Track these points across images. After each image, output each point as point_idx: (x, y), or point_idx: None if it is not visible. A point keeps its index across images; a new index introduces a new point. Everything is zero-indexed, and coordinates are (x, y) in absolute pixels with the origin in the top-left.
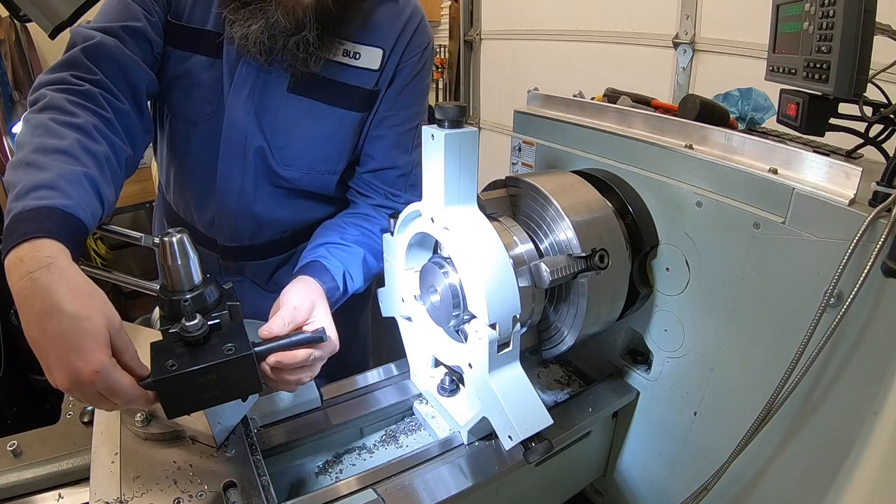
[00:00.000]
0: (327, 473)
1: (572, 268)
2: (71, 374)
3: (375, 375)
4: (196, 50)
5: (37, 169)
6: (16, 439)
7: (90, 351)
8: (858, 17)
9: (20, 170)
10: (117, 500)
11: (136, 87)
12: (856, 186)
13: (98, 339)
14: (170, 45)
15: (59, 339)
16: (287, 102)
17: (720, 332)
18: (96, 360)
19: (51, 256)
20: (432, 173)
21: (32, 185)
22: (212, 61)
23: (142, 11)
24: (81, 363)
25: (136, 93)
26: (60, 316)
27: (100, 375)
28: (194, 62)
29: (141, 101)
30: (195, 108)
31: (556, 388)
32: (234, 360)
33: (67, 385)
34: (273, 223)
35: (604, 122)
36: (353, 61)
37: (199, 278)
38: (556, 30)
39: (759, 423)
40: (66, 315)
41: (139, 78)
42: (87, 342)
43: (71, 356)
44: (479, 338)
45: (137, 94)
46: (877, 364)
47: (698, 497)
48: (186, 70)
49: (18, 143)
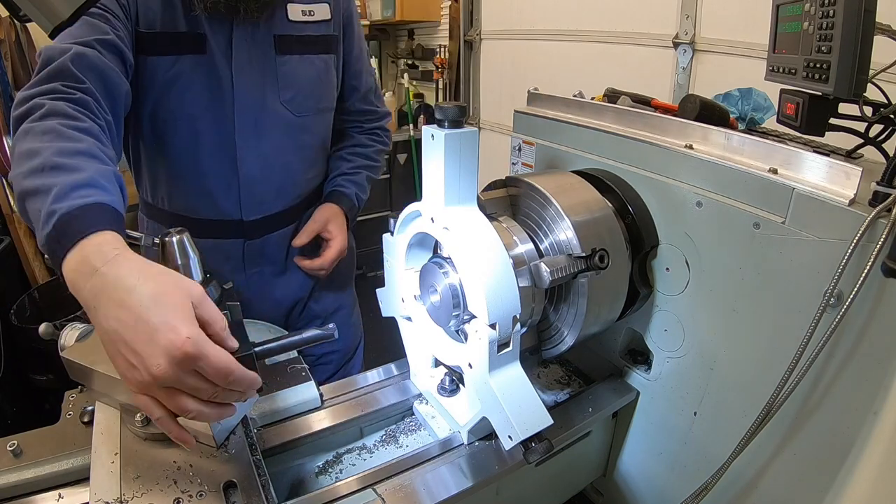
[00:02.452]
0: (327, 473)
1: (572, 268)
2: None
3: (375, 375)
4: (180, 52)
5: (69, 170)
6: (16, 439)
7: (177, 322)
8: (858, 17)
9: (47, 173)
10: (117, 500)
11: (115, 98)
12: (856, 186)
13: (181, 312)
14: (153, 54)
15: (143, 322)
16: (281, 62)
17: (720, 332)
18: (185, 329)
19: (116, 248)
20: (432, 173)
21: (72, 185)
22: (196, 58)
23: (109, 27)
24: (172, 335)
25: (116, 103)
26: (139, 299)
27: (192, 342)
28: (182, 63)
29: (119, 111)
30: (195, 101)
31: (556, 388)
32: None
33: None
34: (290, 180)
35: (604, 122)
36: (311, 17)
37: (199, 278)
38: (556, 30)
39: (759, 423)
40: (144, 297)
41: (119, 89)
42: (171, 315)
43: (158, 335)
44: (479, 338)
45: (117, 104)
46: (877, 364)
47: (698, 497)
48: (177, 72)
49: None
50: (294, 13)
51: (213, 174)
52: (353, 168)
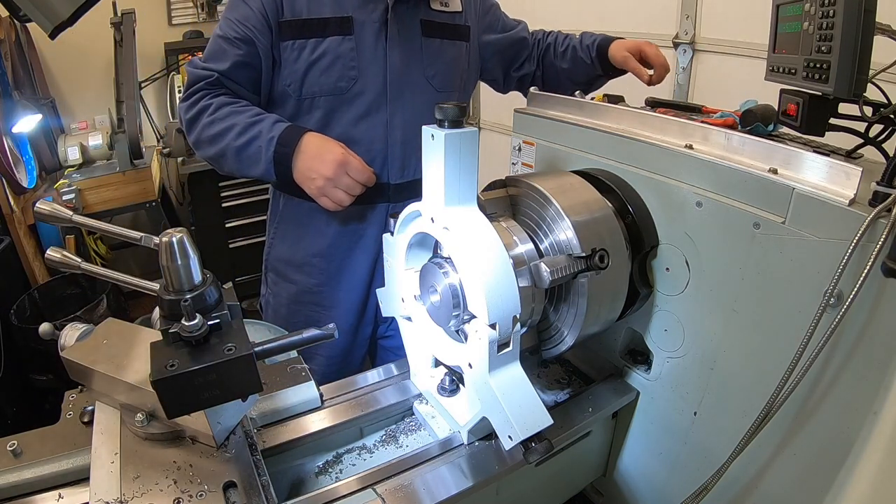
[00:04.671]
0: (327, 473)
1: (572, 268)
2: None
3: (375, 375)
4: (325, 34)
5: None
6: (16, 439)
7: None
8: (858, 17)
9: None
10: (117, 500)
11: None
12: (856, 186)
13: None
14: (301, 38)
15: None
16: (427, 43)
17: (720, 332)
18: (339, 150)
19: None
20: (432, 173)
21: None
22: (341, 38)
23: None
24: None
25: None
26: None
27: (343, 153)
28: (328, 43)
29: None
30: (339, 78)
31: (556, 388)
32: (234, 360)
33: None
34: None
35: (604, 122)
36: (447, 9)
37: (200, 278)
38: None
39: (759, 422)
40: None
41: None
42: (334, 147)
43: (328, 155)
44: (479, 338)
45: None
46: (877, 364)
47: (698, 497)
48: (322, 52)
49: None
50: (434, 2)
51: (365, 139)
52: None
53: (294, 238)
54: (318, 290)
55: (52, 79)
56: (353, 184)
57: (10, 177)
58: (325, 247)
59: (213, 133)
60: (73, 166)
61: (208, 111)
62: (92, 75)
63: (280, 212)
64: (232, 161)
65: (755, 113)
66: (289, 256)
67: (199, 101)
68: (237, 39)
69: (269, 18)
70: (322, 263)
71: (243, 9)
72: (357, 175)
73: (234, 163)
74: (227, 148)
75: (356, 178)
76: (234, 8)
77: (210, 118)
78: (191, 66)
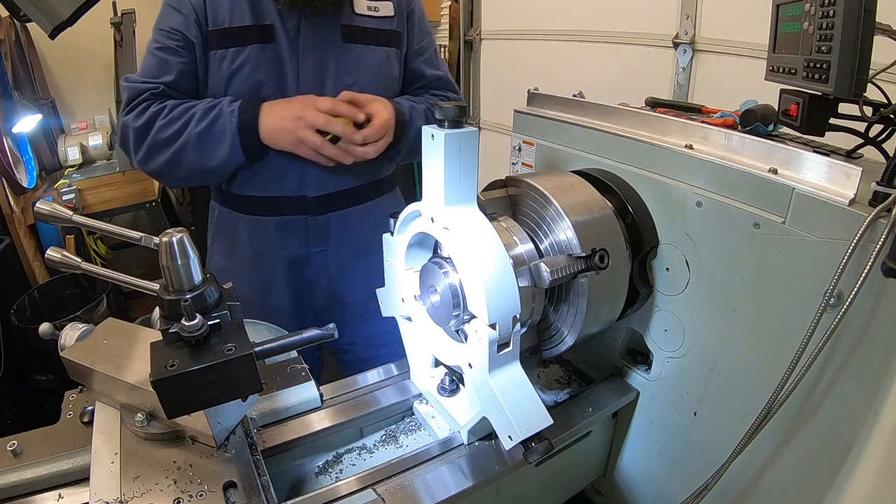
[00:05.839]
0: (327, 473)
1: (572, 268)
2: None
3: (375, 375)
4: (246, 42)
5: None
6: (16, 439)
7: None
8: (858, 17)
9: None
10: (117, 500)
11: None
12: (856, 186)
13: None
14: (222, 47)
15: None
16: (347, 49)
17: (720, 332)
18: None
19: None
20: (432, 173)
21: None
22: (262, 47)
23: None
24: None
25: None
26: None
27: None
28: (249, 51)
29: None
30: (260, 87)
31: (556, 388)
32: (234, 360)
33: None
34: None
35: (604, 122)
36: (375, 13)
37: (200, 278)
38: (556, 30)
39: (759, 422)
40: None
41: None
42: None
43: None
44: (479, 338)
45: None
46: (877, 364)
47: (698, 497)
48: (245, 59)
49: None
50: (360, 6)
51: (278, 154)
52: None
53: (227, 249)
54: (252, 300)
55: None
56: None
57: (10, 177)
58: (251, 257)
59: (172, 132)
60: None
61: (162, 114)
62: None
63: (215, 223)
64: (193, 153)
65: (755, 113)
66: (223, 266)
67: (149, 108)
68: (178, 48)
69: (200, 27)
70: (251, 273)
71: (177, 17)
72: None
73: (195, 153)
74: (188, 140)
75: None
76: (167, 18)
77: (165, 119)
78: (128, 81)
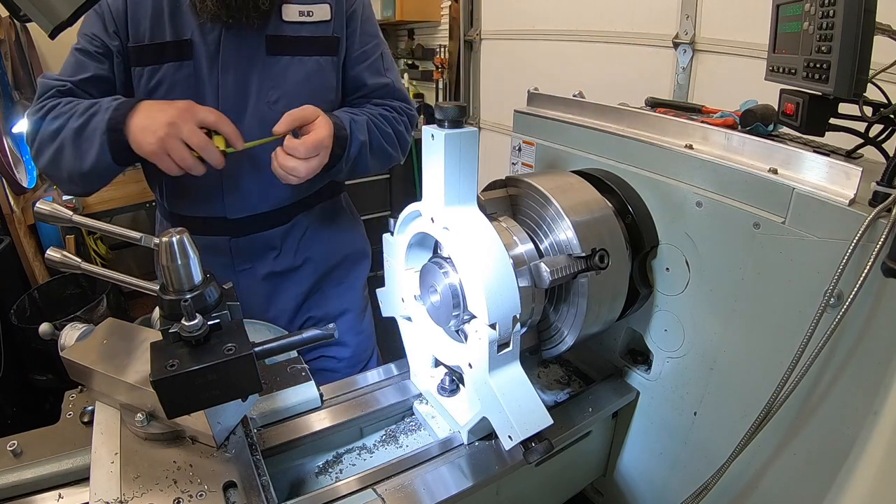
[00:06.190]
0: (327, 473)
1: (572, 268)
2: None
3: (375, 375)
4: (163, 60)
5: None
6: (16, 439)
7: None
8: (858, 17)
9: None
10: (117, 500)
11: None
12: (856, 186)
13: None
14: (140, 65)
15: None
16: (272, 62)
17: (720, 332)
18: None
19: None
20: (432, 173)
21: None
22: (179, 64)
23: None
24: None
25: None
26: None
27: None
28: (165, 70)
29: None
30: None
31: (556, 388)
32: (234, 359)
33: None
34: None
35: (604, 122)
36: (309, 18)
37: (200, 278)
38: (556, 30)
39: (759, 422)
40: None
41: None
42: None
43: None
44: (479, 338)
45: None
46: (877, 364)
47: (698, 497)
48: (160, 79)
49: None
50: (289, 14)
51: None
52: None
53: None
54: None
55: None
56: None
57: (10, 177)
58: None
59: (55, 127)
60: None
61: (54, 110)
62: None
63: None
64: (70, 152)
65: (755, 113)
66: None
67: (46, 105)
68: (98, 53)
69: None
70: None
71: (99, 25)
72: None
73: (70, 152)
74: (65, 137)
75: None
76: (91, 23)
77: (53, 114)
78: (43, 78)
